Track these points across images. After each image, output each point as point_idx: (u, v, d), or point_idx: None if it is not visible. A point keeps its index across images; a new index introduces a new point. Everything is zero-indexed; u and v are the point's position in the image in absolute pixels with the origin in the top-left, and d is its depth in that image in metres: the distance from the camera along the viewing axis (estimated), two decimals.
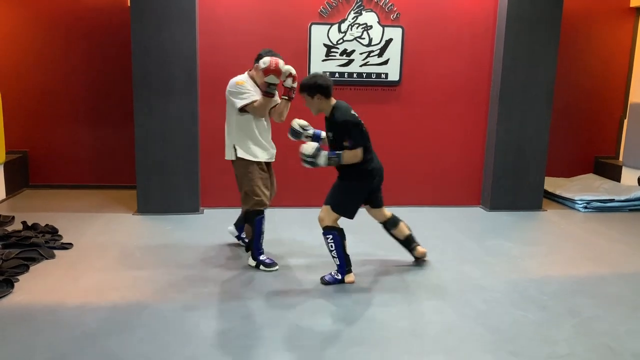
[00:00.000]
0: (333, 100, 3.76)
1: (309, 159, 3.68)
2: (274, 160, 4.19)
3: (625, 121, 7.05)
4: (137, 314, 3.28)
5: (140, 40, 5.20)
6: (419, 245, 4.26)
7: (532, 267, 4.24)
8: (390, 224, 4.17)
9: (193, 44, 5.26)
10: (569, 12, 6.37)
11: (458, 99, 5.89)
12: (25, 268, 3.88)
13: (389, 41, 5.61)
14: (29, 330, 3.04)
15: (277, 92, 4.05)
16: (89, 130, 6.52)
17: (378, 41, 5.60)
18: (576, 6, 6.68)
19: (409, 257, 4.36)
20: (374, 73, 5.66)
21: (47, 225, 4.79)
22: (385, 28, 5.58)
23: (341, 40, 5.56)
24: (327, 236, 3.79)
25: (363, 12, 5.52)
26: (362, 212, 5.23)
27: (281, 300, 3.54)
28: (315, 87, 3.67)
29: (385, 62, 5.65)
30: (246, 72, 4.11)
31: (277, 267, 4.07)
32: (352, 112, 3.77)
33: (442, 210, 5.89)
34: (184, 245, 4.57)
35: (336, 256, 3.81)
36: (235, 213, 5.40)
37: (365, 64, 5.63)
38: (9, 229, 4.77)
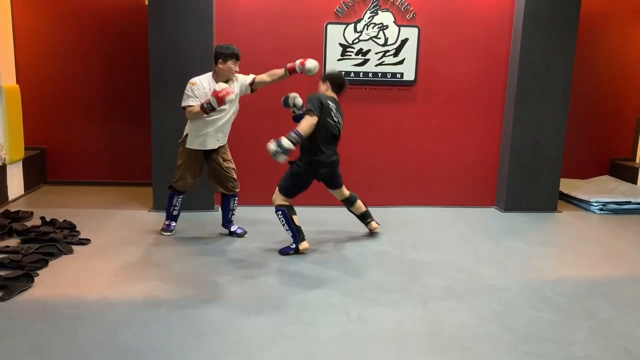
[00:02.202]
0: (333, 94, 4.44)
1: (275, 151, 3.99)
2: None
3: None
4: (154, 309, 3.32)
5: (158, 39, 5.25)
6: (373, 220, 4.89)
7: (547, 268, 4.23)
8: (349, 202, 4.78)
9: (210, 43, 5.29)
10: (586, 11, 6.32)
11: (474, 99, 5.87)
12: (45, 263, 3.94)
13: (404, 41, 5.61)
14: (49, 324, 3.09)
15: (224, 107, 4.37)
16: (106, 127, 6.60)
17: (394, 41, 5.60)
18: (594, 6, 6.63)
19: (424, 256, 4.38)
20: (389, 73, 5.66)
21: (65, 221, 4.86)
22: (401, 28, 5.58)
23: (357, 40, 5.57)
24: (278, 212, 4.36)
25: (379, 12, 5.53)
26: (377, 214, 5.24)
27: (297, 298, 3.56)
28: (338, 85, 4.44)
29: (401, 62, 5.65)
30: (211, 72, 4.47)
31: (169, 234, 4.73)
32: (326, 98, 4.31)
33: (456, 210, 5.88)
34: (200, 242, 4.62)
35: (288, 229, 4.36)
36: (249, 211, 5.45)
37: (380, 64, 5.63)
38: (28, 224, 4.83)
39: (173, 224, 4.82)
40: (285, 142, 3.97)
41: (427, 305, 3.51)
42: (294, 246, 4.38)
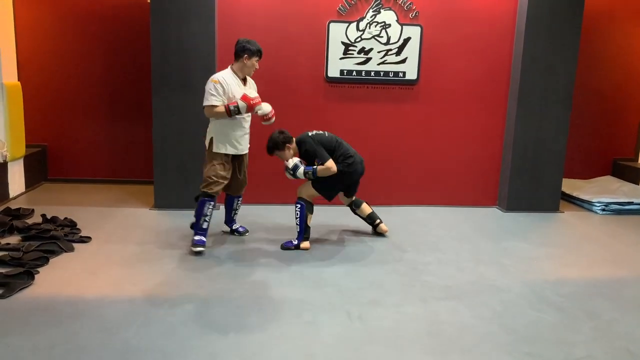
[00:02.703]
0: (293, 143, 4.40)
1: (290, 171, 4.35)
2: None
3: None
4: (156, 308, 3.31)
5: (160, 36, 5.24)
6: (382, 222, 4.90)
7: (548, 269, 4.22)
8: (355, 205, 4.88)
9: (212, 41, 5.29)
10: (589, 10, 6.31)
11: (476, 99, 5.85)
12: (45, 260, 3.94)
13: (407, 40, 5.59)
14: (50, 322, 3.09)
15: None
16: (108, 125, 6.60)
17: (396, 39, 5.59)
18: (597, 5, 6.60)
19: (424, 256, 4.38)
20: (391, 71, 5.64)
21: (66, 218, 4.86)
22: (404, 26, 5.57)
23: (359, 39, 5.55)
24: (297, 205, 4.45)
25: (382, 11, 5.51)
26: (378, 213, 5.23)
27: (298, 297, 3.55)
28: (282, 142, 4.35)
29: (403, 61, 5.63)
30: (229, 67, 4.26)
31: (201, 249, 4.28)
32: (311, 135, 4.43)
33: (457, 210, 5.87)
34: None
35: (298, 224, 4.44)
36: (251, 209, 5.45)
37: (383, 62, 5.62)
38: (29, 221, 4.83)
39: (203, 237, 4.33)
40: (300, 173, 4.34)
41: (427, 305, 3.50)
42: (295, 242, 4.46)
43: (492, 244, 4.80)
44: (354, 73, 5.61)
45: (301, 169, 4.33)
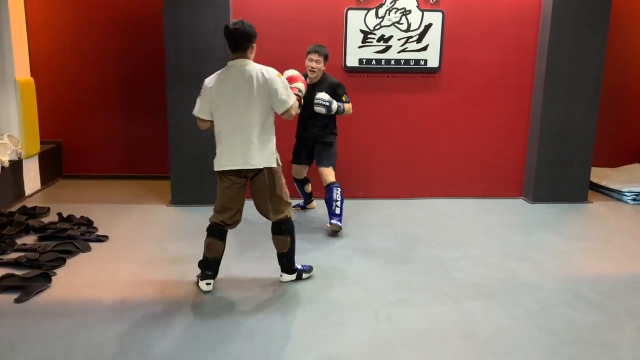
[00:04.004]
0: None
1: (326, 103, 4.42)
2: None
3: None
4: (175, 310, 3.20)
5: (174, 30, 5.10)
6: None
7: (582, 264, 4.04)
8: (306, 181, 5.13)
9: None
10: None
11: (500, 86, 5.64)
12: (62, 261, 3.84)
13: (428, 26, 5.39)
14: (67, 327, 2.98)
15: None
16: (122, 120, 6.48)
17: (417, 26, 5.38)
18: None
19: (451, 251, 4.22)
20: (412, 59, 5.45)
21: (82, 217, 4.76)
22: (425, 12, 5.36)
23: (378, 26, 5.36)
24: (338, 189, 4.57)
25: None
26: (400, 206, 5.09)
27: (322, 298, 3.41)
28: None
29: (425, 48, 5.43)
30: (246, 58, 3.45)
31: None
32: None
33: (482, 202, 5.68)
34: None
35: (340, 206, 4.53)
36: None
37: (403, 50, 5.42)
38: (45, 220, 4.74)
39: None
40: (334, 107, 4.48)
41: (459, 305, 3.34)
42: (341, 223, 4.56)
43: (521, 237, 4.62)
44: (374, 62, 5.42)
45: (335, 102, 4.49)
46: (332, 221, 4.53)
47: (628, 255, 4.23)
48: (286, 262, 3.59)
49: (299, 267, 3.68)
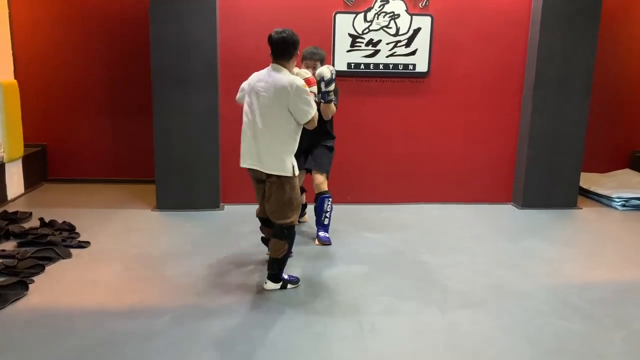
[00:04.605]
0: None
1: (333, 77, 4.04)
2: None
3: None
4: (156, 319, 3.12)
5: (160, 32, 5.02)
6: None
7: (572, 271, 3.99)
8: (301, 190, 4.73)
9: (213, 36, 5.06)
10: (608, 1, 6.02)
11: (489, 91, 5.61)
12: (41, 268, 3.74)
13: (417, 30, 5.35)
14: (43, 337, 2.89)
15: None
16: (108, 123, 6.39)
17: (406, 30, 5.34)
18: None
19: (440, 258, 4.16)
20: (401, 64, 5.40)
21: (64, 222, 4.66)
22: (414, 17, 5.32)
23: (367, 30, 5.31)
24: (329, 199, 4.35)
25: (390, 0, 5.26)
26: (389, 211, 5.04)
27: (307, 308, 3.34)
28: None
29: (413, 53, 5.39)
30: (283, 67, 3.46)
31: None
32: None
33: (471, 207, 5.63)
34: (205, 244, 4.39)
35: (329, 217, 4.39)
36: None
37: (392, 55, 5.37)
38: (26, 225, 4.64)
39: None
40: (332, 87, 4.11)
41: (446, 314, 3.28)
42: (328, 236, 4.44)
43: (510, 244, 4.57)
44: (362, 66, 5.37)
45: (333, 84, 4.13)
46: (321, 237, 4.42)
47: (618, 263, 4.19)
48: (275, 268, 3.53)
49: (286, 277, 3.62)
